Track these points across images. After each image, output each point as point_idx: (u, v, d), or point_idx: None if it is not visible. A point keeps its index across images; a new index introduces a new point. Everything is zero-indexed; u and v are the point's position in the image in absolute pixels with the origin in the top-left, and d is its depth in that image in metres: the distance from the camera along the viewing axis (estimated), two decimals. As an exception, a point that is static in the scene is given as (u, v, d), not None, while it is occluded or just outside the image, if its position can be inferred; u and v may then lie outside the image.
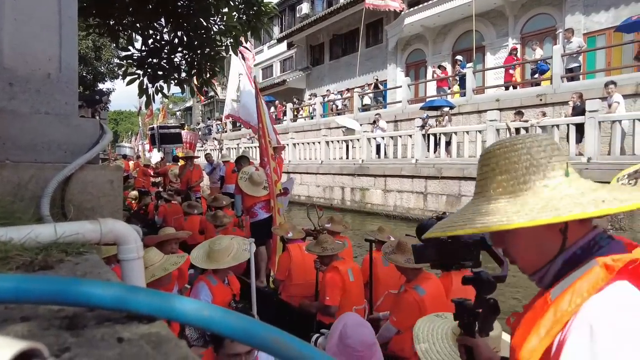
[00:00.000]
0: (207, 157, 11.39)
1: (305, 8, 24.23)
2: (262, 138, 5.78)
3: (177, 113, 42.50)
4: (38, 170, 1.41)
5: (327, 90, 20.85)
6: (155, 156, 15.37)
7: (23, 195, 1.40)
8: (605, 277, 0.74)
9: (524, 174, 0.84)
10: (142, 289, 0.60)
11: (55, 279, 0.61)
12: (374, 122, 13.79)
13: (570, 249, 0.83)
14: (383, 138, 13.20)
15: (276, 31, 25.63)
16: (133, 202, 10.18)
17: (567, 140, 8.75)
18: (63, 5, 1.55)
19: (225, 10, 5.44)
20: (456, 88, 14.02)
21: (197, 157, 11.10)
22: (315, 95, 20.42)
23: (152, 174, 12.03)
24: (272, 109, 22.93)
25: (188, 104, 39.03)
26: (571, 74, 11.00)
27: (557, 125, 8.97)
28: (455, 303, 1.17)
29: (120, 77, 5.81)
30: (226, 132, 21.65)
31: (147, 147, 21.99)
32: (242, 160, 6.55)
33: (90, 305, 0.59)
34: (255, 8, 5.39)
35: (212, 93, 7.08)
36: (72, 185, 1.47)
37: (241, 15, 5.39)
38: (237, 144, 20.63)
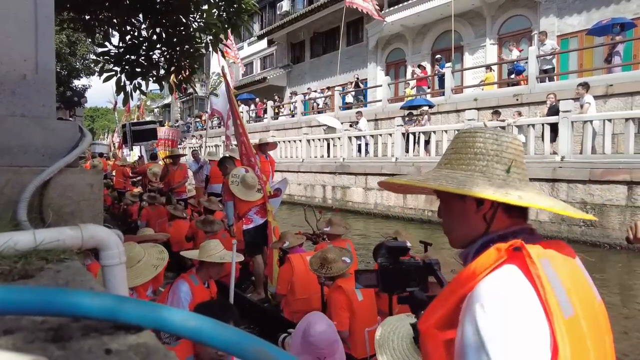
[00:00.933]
0: (194, 154, 10.72)
1: (285, 5, 24.11)
2: (243, 136, 5.46)
3: (155, 110, 41.72)
4: (15, 175, 1.38)
5: (308, 88, 20.84)
6: (132, 155, 14.87)
7: (-1, 200, 1.36)
8: (496, 259, 0.79)
9: (471, 158, 0.94)
10: (130, 300, 0.60)
11: (41, 290, 0.61)
12: (355, 123, 13.86)
13: (490, 235, 0.91)
14: (364, 137, 13.29)
15: (256, 28, 25.42)
16: (116, 203, 9.89)
17: (542, 140, 9.00)
18: (39, 4, 1.51)
19: (205, 7, 5.38)
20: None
21: (183, 155, 10.35)
22: (296, 94, 20.39)
23: (130, 174, 11.42)
24: (252, 106, 22.78)
25: (166, 101, 38.34)
26: (545, 75, 11.31)
27: (533, 125, 9.21)
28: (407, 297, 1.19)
29: (97, 73, 5.66)
30: (213, 128, 20.98)
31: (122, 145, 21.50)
32: (227, 162, 5.70)
33: (78, 316, 0.58)
34: (235, 5, 5.34)
35: (190, 90, 6.91)
36: (50, 190, 1.44)
37: (221, 12, 5.34)
38: (223, 141, 20.45)
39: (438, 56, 14.62)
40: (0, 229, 1.33)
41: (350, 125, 13.82)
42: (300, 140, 15.09)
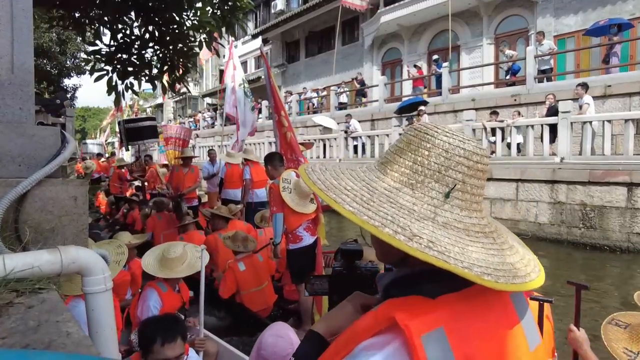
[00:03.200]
0: (211, 153, 9.22)
1: (280, 4, 23.93)
2: (290, 130, 4.53)
3: (148, 110, 41.35)
4: (-14, 188, 1.22)
5: (304, 88, 20.68)
6: (126, 155, 13.90)
7: (-33, 217, 1.20)
8: (374, 328, 0.66)
9: (408, 166, 0.73)
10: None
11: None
12: (347, 127, 13.48)
13: (402, 271, 0.75)
14: (360, 137, 13.15)
15: (251, 27, 25.21)
16: (113, 209, 9.04)
17: (542, 140, 8.93)
18: (16, -4, 1.35)
19: (199, 5, 5.22)
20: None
21: (196, 156, 8.82)
22: (291, 93, 20.22)
23: (127, 177, 10.00)
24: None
25: (159, 101, 38.00)
26: (544, 75, 11.25)
27: (532, 126, 9.13)
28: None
29: (88, 72, 5.48)
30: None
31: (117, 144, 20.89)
32: (277, 161, 4.33)
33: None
34: (230, 3, 5.20)
35: (184, 90, 6.53)
36: (28, 204, 1.28)
37: (215, 10, 5.19)
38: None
39: (435, 56, 14.53)
40: (-33, 251, 1.18)
41: (345, 132, 13.45)
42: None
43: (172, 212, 6.37)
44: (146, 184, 9.31)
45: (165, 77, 6.07)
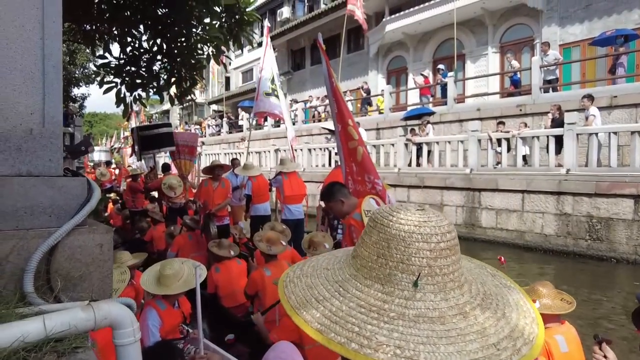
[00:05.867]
0: (234, 162, 8.09)
1: (286, 12, 24.12)
2: (361, 144, 3.67)
3: (155, 116, 41.65)
4: (20, 240, 1.29)
5: (310, 96, 20.80)
6: (137, 162, 13.25)
7: (3, 269, 1.27)
8: None
9: (373, 260, 0.72)
10: None
11: None
12: None
13: None
14: (366, 146, 13.20)
15: (256, 35, 25.40)
16: (128, 223, 8.31)
17: (547, 151, 8.94)
18: (46, 53, 1.42)
19: (207, 20, 5.32)
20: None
21: (228, 166, 7.34)
22: (296, 101, 20.34)
23: (142, 189, 8.94)
24: (253, 114, 22.69)
25: (165, 107, 38.26)
26: (549, 85, 11.27)
27: (538, 137, 9.15)
28: None
29: (97, 84, 5.57)
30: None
31: (129, 151, 20.71)
32: (343, 191, 3.20)
33: None
34: (237, 16, 5.28)
35: (190, 96, 6.33)
36: (58, 254, 1.35)
37: (223, 24, 5.27)
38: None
39: (440, 66, 14.57)
40: (5, 304, 1.24)
41: None
42: (301, 149, 15.01)
43: (203, 233, 5.66)
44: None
45: (173, 89, 6.17)
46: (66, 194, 1.42)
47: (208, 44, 5.59)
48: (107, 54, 5.40)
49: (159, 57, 5.59)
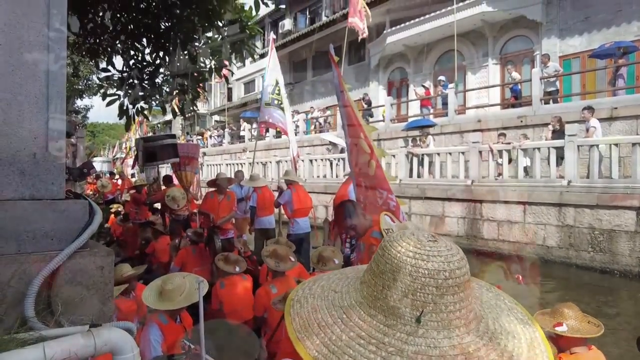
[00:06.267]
0: (238, 175, 8.01)
1: (287, 24, 24.37)
2: (373, 158, 3.51)
3: (157, 126, 41.86)
4: (22, 265, 1.30)
5: (311, 107, 20.91)
6: (138, 177, 13.25)
7: (5, 294, 1.28)
8: None
9: (379, 290, 0.71)
10: None
11: None
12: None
13: None
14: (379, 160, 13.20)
15: (259, 47, 25.65)
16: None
17: (548, 163, 8.94)
18: (51, 79, 1.45)
19: (210, 34, 5.39)
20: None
21: (232, 180, 7.44)
22: (298, 112, 20.44)
23: (145, 201, 8.73)
24: (255, 124, 22.81)
25: (167, 117, 38.50)
26: (550, 97, 11.31)
27: (539, 148, 9.16)
28: None
29: (100, 97, 5.63)
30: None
31: (130, 162, 20.69)
32: (358, 211, 3.22)
33: None
34: (239, 30, 5.35)
35: (192, 108, 6.35)
36: (59, 278, 1.36)
37: (225, 37, 5.34)
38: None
39: (441, 77, 14.65)
40: (6, 330, 1.25)
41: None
42: (302, 160, 15.05)
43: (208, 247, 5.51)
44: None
45: (175, 102, 6.22)
46: (68, 217, 1.43)
47: (210, 57, 5.66)
48: (110, 67, 5.47)
49: (161, 70, 5.67)
